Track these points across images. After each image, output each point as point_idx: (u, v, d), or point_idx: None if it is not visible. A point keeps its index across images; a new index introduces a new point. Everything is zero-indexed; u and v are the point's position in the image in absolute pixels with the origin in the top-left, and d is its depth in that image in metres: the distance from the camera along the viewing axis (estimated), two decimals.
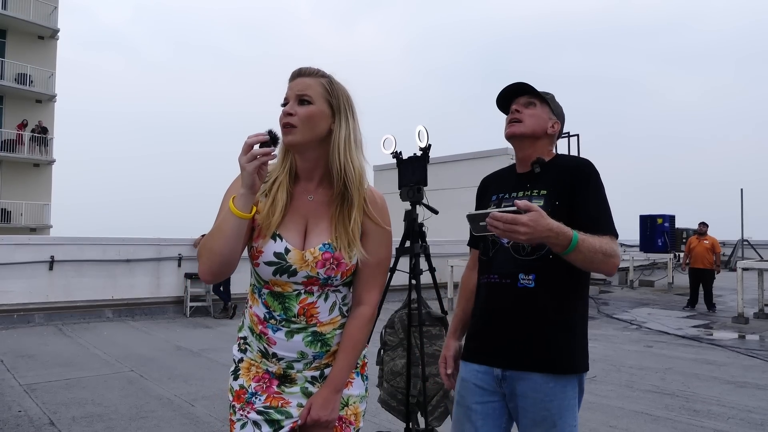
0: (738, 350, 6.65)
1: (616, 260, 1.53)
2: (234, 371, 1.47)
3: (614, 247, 1.54)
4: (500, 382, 1.63)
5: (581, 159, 1.74)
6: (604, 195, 1.63)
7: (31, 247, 8.34)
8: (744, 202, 19.33)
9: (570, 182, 1.62)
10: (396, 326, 3.05)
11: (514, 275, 1.62)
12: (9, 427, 3.74)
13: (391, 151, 3.17)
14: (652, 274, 16.97)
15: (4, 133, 21.36)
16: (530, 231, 1.38)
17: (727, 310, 10.14)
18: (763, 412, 4.24)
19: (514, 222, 1.37)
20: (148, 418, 3.98)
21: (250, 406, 1.40)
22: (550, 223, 1.41)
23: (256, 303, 1.42)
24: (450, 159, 15.82)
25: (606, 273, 1.57)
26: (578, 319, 1.63)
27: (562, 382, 1.57)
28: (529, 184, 1.69)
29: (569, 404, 1.58)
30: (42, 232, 21.37)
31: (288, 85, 1.39)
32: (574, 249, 1.44)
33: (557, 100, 1.82)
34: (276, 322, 1.38)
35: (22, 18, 21.43)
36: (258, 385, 1.42)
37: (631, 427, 3.92)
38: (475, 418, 1.66)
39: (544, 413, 1.56)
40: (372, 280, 1.45)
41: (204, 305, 9.37)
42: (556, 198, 1.61)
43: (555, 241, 1.43)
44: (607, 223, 1.59)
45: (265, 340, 1.40)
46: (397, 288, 4.23)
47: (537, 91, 1.74)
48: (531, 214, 1.38)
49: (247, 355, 1.46)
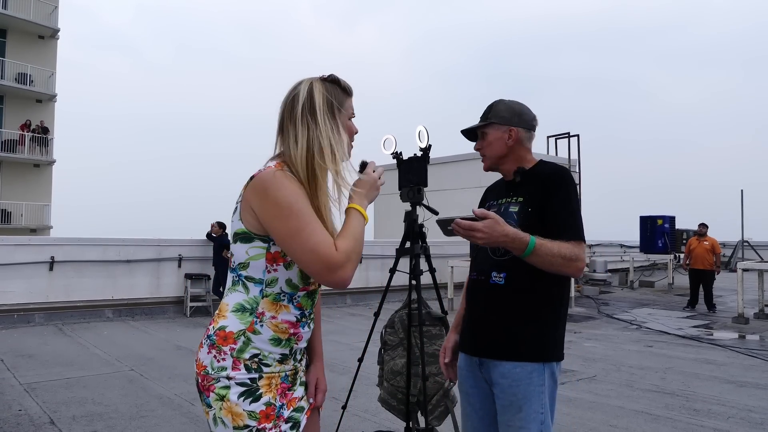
0: (738, 350, 6.66)
1: (579, 264, 1.65)
2: (249, 393, 1.35)
3: (576, 251, 1.65)
4: (480, 368, 1.81)
5: (557, 168, 1.84)
6: (573, 202, 1.75)
7: (31, 247, 8.35)
8: (744, 204, 19.38)
9: (543, 190, 1.76)
10: (396, 326, 3.05)
11: (488, 273, 1.79)
12: (9, 426, 3.74)
13: (392, 152, 3.17)
14: (652, 274, 16.99)
15: (5, 133, 21.37)
16: (485, 236, 1.57)
17: (727, 310, 10.15)
18: (763, 411, 4.25)
19: (471, 228, 1.57)
20: (148, 417, 3.98)
21: (280, 419, 1.38)
22: (506, 228, 1.58)
23: (285, 310, 1.39)
24: (450, 159, 15.79)
25: (569, 275, 1.72)
26: (547, 312, 1.75)
27: (528, 369, 1.69)
28: (512, 192, 1.86)
29: (536, 390, 1.68)
30: (42, 232, 21.36)
31: (351, 100, 1.52)
32: (531, 253, 1.60)
33: (505, 100, 1.92)
34: (306, 318, 1.45)
35: (22, 17, 21.42)
36: (281, 396, 1.40)
37: (631, 426, 3.93)
38: (473, 400, 1.85)
39: (511, 398, 1.70)
40: None
41: (204, 305, 9.38)
42: (530, 204, 1.76)
43: (512, 245, 1.60)
44: (573, 228, 1.70)
45: (294, 340, 1.42)
46: (398, 288, 4.23)
47: (479, 125, 1.90)
48: (486, 221, 1.57)
49: (264, 371, 1.38)
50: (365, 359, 3.30)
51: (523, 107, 1.91)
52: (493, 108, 1.90)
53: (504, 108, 1.89)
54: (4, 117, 21.67)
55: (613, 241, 19.72)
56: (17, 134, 21.47)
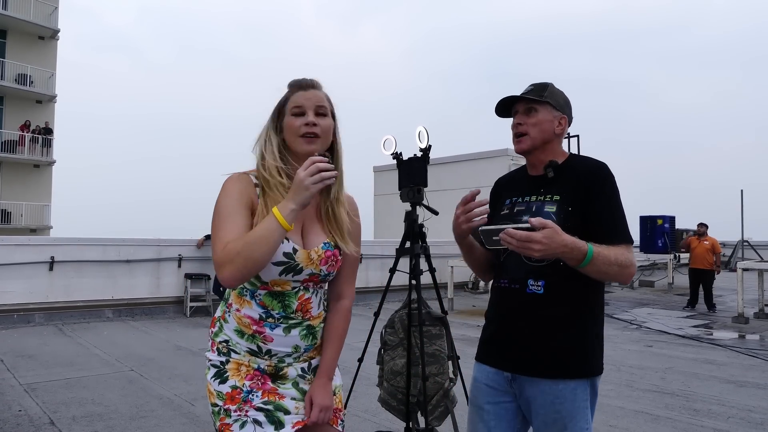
0: (738, 350, 6.65)
1: (632, 270, 1.52)
2: (218, 375, 1.45)
3: (629, 256, 1.52)
4: (510, 383, 1.64)
5: (595, 162, 1.67)
6: (619, 201, 1.60)
7: (31, 247, 8.34)
8: (744, 204, 19.34)
9: (584, 187, 1.58)
10: (396, 326, 3.05)
11: (524, 281, 1.61)
12: (9, 427, 3.74)
13: (392, 152, 3.17)
14: (652, 274, 16.98)
15: (5, 133, 21.36)
16: (545, 248, 1.38)
17: (727, 310, 10.14)
18: (763, 411, 4.25)
19: (529, 240, 1.38)
20: (148, 418, 3.98)
21: (248, 404, 1.42)
22: (565, 239, 1.41)
23: (247, 305, 1.45)
24: (450, 160, 15.79)
25: (621, 283, 1.56)
26: (589, 323, 1.61)
27: (572, 385, 1.56)
28: (543, 188, 1.66)
29: (580, 406, 1.57)
30: (42, 232, 21.35)
31: (298, 94, 1.46)
32: (590, 263, 1.45)
33: (556, 86, 1.73)
34: (274, 320, 1.44)
35: (22, 18, 21.40)
36: (252, 382, 1.44)
37: (631, 426, 3.92)
38: (488, 418, 1.67)
39: (555, 415, 1.56)
40: (352, 274, 1.59)
41: (204, 305, 9.38)
42: (569, 204, 1.58)
43: (570, 255, 1.44)
44: (622, 232, 1.56)
45: (260, 339, 1.44)
46: (398, 288, 4.23)
47: (534, 98, 1.67)
48: (546, 231, 1.38)
49: (232, 356, 1.46)
50: (365, 359, 3.30)
51: (569, 100, 1.74)
52: (549, 88, 1.69)
53: (559, 93, 1.71)
54: (4, 117, 21.66)
55: None
56: (17, 135, 21.46)
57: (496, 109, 1.77)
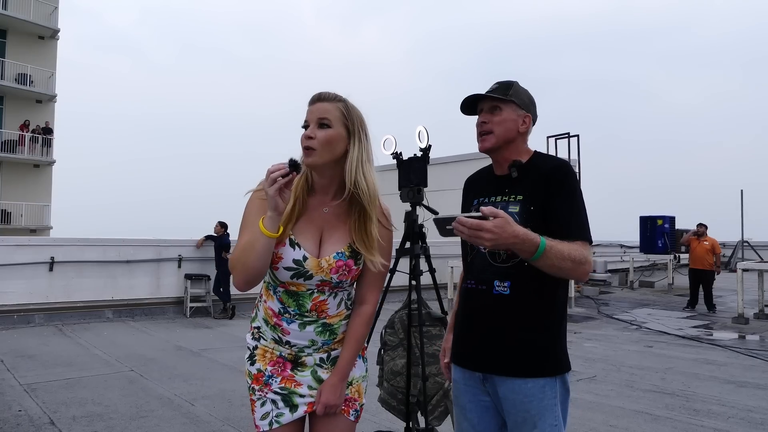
0: (738, 350, 6.66)
1: (587, 267, 1.52)
2: (250, 357, 1.61)
3: (585, 253, 1.51)
4: (483, 383, 1.67)
5: (557, 161, 1.70)
6: (579, 199, 1.60)
7: (31, 248, 8.34)
8: (744, 204, 19.37)
9: (544, 186, 1.60)
10: (396, 326, 3.05)
11: (490, 282, 1.63)
12: (9, 427, 3.74)
13: (392, 152, 3.17)
14: (652, 275, 16.97)
15: (5, 133, 21.37)
16: (495, 237, 1.37)
17: (727, 310, 10.14)
18: (763, 411, 4.25)
19: (479, 228, 1.37)
20: (149, 418, 3.98)
21: (268, 387, 1.56)
22: (516, 229, 1.39)
23: (271, 298, 1.58)
24: (450, 160, 15.78)
25: (576, 279, 1.56)
26: (556, 322, 1.64)
27: (540, 383, 1.58)
28: (507, 188, 1.68)
29: (549, 404, 1.59)
30: (42, 233, 21.35)
31: (308, 109, 1.53)
32: (542, 256, 1.44)
33: (521, 85, 1.73)
34: (290, 315, 1.55)
35: (22, 18, 21.42)
36: (273, 368, 1.57)
37: (632, 426, 3.93)
38: (471, 415, 1.71)
39: (524, 414, 1.58)
40: (375, 282, 1.62)
41: (204, 306, 9.38)
42: (531, 203, 1.60)
43: (521, 247, 1.43)
44: (580, 229, 1.57)
45: (279, 331, 1.56)
46: (398, 289, 4.23)
47: (498, 96, 1.67)
48: (497, 220, 1.37)
49: (261, 342, 1.60)
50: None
51: (534, 99, 1.76)
52: (513, 87, 1.69)
53: (524, 92, 1.71)
54: (4, 117, 21.67)
55: (613, 241, 19.71)
56: (17, 134, 21.46)
57: (462, 107, 1.78)
